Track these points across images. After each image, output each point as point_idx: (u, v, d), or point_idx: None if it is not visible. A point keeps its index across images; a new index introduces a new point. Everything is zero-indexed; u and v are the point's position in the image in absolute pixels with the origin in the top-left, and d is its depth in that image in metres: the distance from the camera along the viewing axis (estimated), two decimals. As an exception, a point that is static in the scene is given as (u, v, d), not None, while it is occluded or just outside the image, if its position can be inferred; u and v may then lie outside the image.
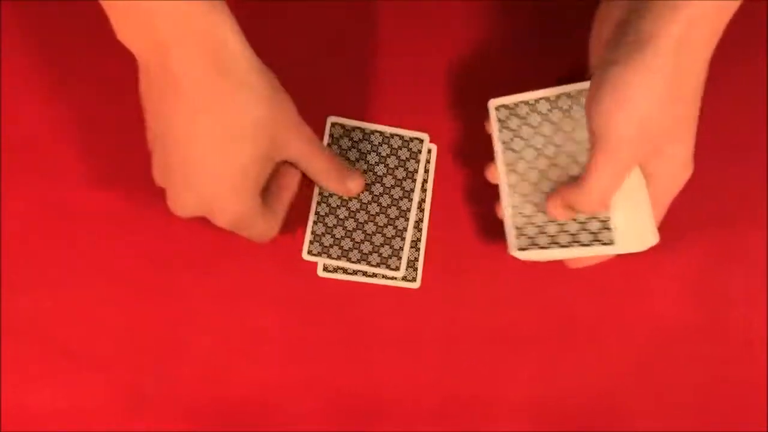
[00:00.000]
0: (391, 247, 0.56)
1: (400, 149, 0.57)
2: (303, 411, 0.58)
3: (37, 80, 0.59)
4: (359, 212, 0.57)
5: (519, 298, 0.58)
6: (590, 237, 0.50)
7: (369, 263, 0.56)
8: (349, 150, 0.57)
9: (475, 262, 0.58)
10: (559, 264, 0.57)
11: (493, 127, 0.54)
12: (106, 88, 0.59)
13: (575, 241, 0.51)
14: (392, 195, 0.57)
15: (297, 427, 0.58)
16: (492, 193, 0.58)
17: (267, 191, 0.52)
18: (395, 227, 0.57)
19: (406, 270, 0.57)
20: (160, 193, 0.59)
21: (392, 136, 0.57)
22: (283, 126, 0.48)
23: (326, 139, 0.57)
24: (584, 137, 0.51)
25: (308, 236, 0.57)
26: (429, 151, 0.58)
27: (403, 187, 0.57)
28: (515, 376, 0.58)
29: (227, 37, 0.45)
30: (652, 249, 0.57)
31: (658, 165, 0.48)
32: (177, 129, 0.46)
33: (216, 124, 0.45)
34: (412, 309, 0.58)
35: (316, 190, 0.57)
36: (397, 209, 0.57)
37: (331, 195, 0.57)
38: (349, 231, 0.57)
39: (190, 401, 0.58)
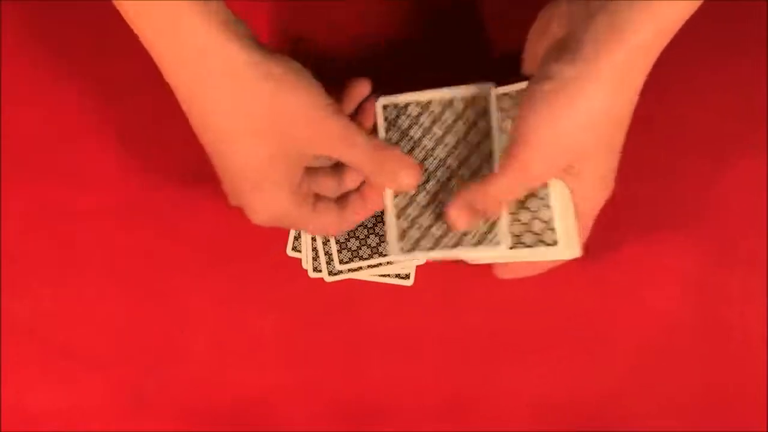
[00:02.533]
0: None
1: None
2: (302, 412, 0.58)
3: (37, 80, 0.59)
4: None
5: (519, 299, 0.58)
6: (476, 239, 0.49)
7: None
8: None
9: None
10: (558, 264, 0.57)
11: (380, 126, 0.52)
12: (106, 88, 0.59)
13: (460, 244, 0.50)
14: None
15: (296, 428, 0.58)
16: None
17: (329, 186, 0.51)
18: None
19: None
20: (160, 193, 0.59)
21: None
22: (294, 122, 0.46)
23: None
24: (477, 140, 0.50)
25: (334, 248, 0.56)
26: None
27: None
28: (515, 377, 0.58)
29: (219, 50, 0.43)
30: (652, 249, 0.57)
31: (574, 183, 0.48)
32: (198, 131, 0.46)
33: (221, 132, 0.45)
34: (411, 310, 0.58)
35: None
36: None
37: None
38: (370, 228, 0.56)
39: (190, 401, 0.58)
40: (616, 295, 0.58)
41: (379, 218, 0.56)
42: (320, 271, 0.57)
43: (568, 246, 0.49)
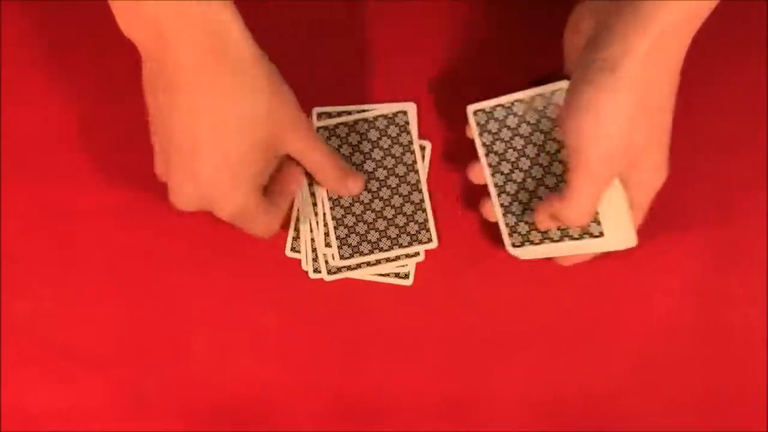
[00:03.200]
0: (416, 223, 0.57)
1: (389, 127, 0.57)
2: (302, 411, 0.58)
3: (37, 80, 0.59)
4: (373, 201, 0.57)
5: (519, 298, 0.58)
6: (580, 230, 0.51)
7: (401, 245, 0.57)
8: (340, 147, 0.57)
9: (475, 261, 0.58)
10: (558, 264, 0.57)
11: (474, 132, 0.55)
12: (106, 88, 0.59)
13: (566, 236, 0.52)
14: (397, 173, 0.57)
15: (296, 427, 0.58)
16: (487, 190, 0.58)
17: (270, 187, 0.52)
18: (412, 202, 0.57)
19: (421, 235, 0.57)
20: (160, 193, 0.59)
21: (376, 118, 0.57)
22: (282, 119, 0.48)
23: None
24: (542, 140, 0.52)
25: (335, 243, 0.57)
26: (423, 148, 0.58)
27: (404, 162, 0.57)
28: (515, 376, 0.58)
29: (228, 27, 0.44)
30: (652, 249, 0.57)
31: (633, 173, 0.49)
32: (177, 119, 0.46)
33: (215, 114, 0.45)
34: (411, 309, 0.58)
35: (324, 197, 0.57)
36: (408, 185, 0.57)
37: (340, 196, 0.57)
38: (370, 223, 0.57)
39: (190, 401, 0.58)
40: (617, 295, 0.58)
41: (379, 214, 0.56)
42: (320, 272, 0.57)
43: (619, 236, 0.50)
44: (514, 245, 0.54)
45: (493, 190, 0.55)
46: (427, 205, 0.57)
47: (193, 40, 0.44)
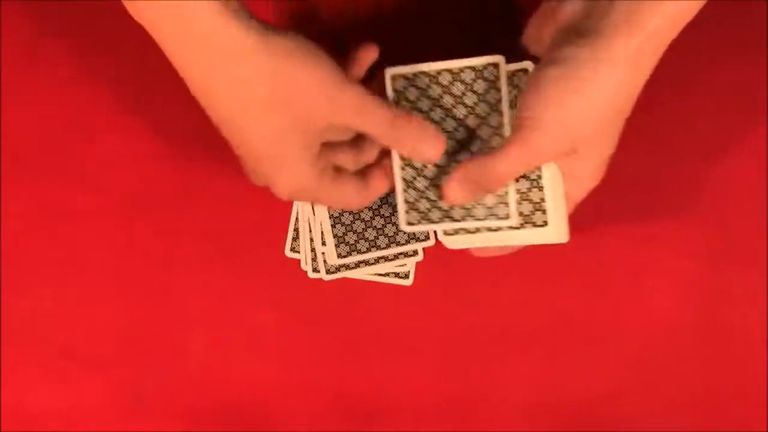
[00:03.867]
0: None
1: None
2: (302, 411, 0.58)
3: (37, 80, 0.59)
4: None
5: (518, 299, 0.58)
6: (485, 212, 0.49)
7: (398, 243, 0.56)
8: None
9: (475, 261, 0.58)
10: (558, 264, 0.57)
11: (389, 97, 0.51)
12: (106, 88, 0.59)
13: (469, 216, 0.49)
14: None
15: (296, 427, 0.58)
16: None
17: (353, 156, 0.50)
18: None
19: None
20: (160, 193, 0.59)
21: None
22: (308, 95, 0.45)
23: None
24: (486, 111, 0.50)
25: (331, 241, 0.56)
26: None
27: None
28: (515, 376, 0.58)
29: (225, 30, 0.43)
30: (653, 249, 0.57)
31: (569, 164, 0.48)
32: (212, 113, 0.46)
33: (224, 109, 0.45)
34: (411, 309, 0.58)
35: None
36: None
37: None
38: (367, 221, 0.56)
39: (190, 401, 0.58)
40: (616, 295, 0.58)
41: (377, 211, 0.56)
42: (319, 271, 0.57)
43: (556, 229, 0.49)
44: (409, 223, 0.51)
45: (396, 162, 0.51)
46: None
47: (181, 37, 0.43)
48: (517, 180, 0.50)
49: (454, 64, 0.50)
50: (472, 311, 0.58)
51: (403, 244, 0.57)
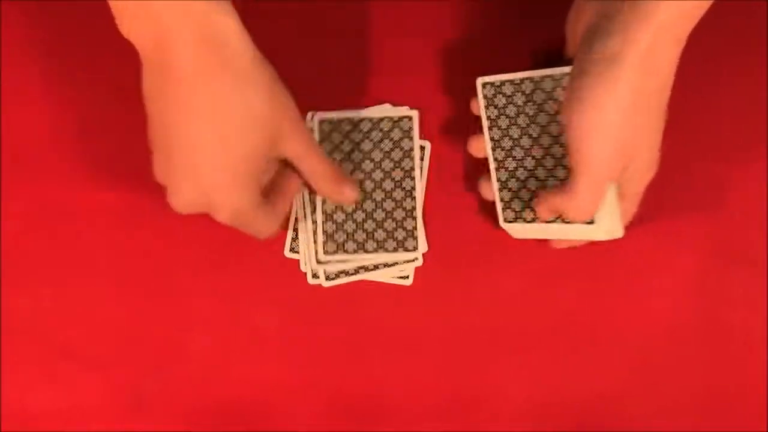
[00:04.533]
0: (404, 229, 0.57)
1: (392, 130, 0.57)
2: (302, 411, 0.58)
3: (37, 80, 0.59)
4: (366, 201, 0.57)
5: (519, 299, 0.58)
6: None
7: (386, 249, 0.57)
8: (342, 143, 0.57)
9: (475, 261, 0.58)
10: (558, 264, 0.57)
11: (480, 104, 0.55)
12: (106, 88, 0.59)
13: (557, 218, 0.52)
14: (393, 177, 0.57)
15: (296, 427, 0.58)
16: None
17: (269, 189, 0.52)
18: (404, 209, 0.57)
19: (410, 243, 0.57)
20: (160, 193, 0.59)
21: (381, 119, 0.57)
22: (282, 122, 0.48)
23: (317, 137, 0.57)
24: (546, 121, 0.53)
25: (320, 237, 0.57)
26: (423, 148, 0.58)
27: (403, 167, 0.57)
28: (515, 376, 0.58)
29: (229, 29, 0.44)
30: (652, 249, 0.57)
31: (628, 169, 0.49)
32: (178, 121, 0.46)
33: (216, 115, 0.45)
34: (411, 309, 0.58)
35: (319, 197, 0.57)
36: (402, 190, 0.57)
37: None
38: (359, 223, 0.57)
39: (190, 401, 0.58)
40: (617, 295, 0.58)
41: (369, 215, 0.57)
42: (318, 277, 0.57)
43: (607, 226, 0.51)
44: (506, 220, 0.55)
45: (492, 164, 0.55)
46: (419, 214, 0.57)
47: (194, 40, 0.44)
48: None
49: (536, 73, 0.53)
50: (472, 311, 0.58)
51: (390, 251, 0.56)
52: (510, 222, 0.55)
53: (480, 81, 0.55)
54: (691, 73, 0.57)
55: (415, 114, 0.57)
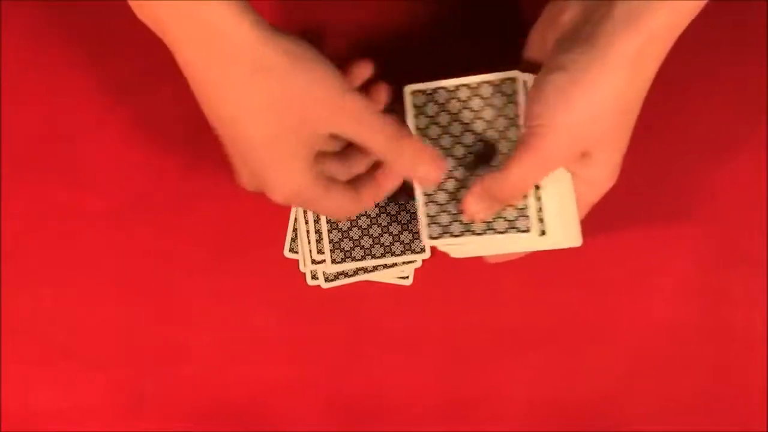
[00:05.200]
0: (410, 232, 0.56)
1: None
2: (303, 411, 0.58)
3: (37, 80, 0.59)
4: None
5: (519, 299, 0.58)
6: (506, 225, 0.49)
7: (393, 254, 0.56)
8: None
9: (475, 262, 0.58)
10: (558, 264, 0.57)
11: (408, 113, 0.52)
12: (105, 88, 0.59)
13: (490, 229, 0.50)
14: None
15: (296, 427, 0.58)
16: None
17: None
18: (408, 211, 0.56)
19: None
20: (160, 193, 0.59)
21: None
22: (311, 100, 0.45)
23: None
24: (504, 126, 0.50)
25: (327, 247, 0.56)
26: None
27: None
28: (515, 377, 0.58)
29: (222, 16, 0.43)
30: (652, 249, 0.57)
31: (583, 168, 0.48)
32: (206, 111, 0.46)
33: (227, 106, 0.45)
34: (411, 309, 0.58)
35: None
36: (405, 194, 0.54)
37: None
38: (364, 229, 0.56)
39: (190, 401, 0.58)
40: (616, 295, 0.58)
41: (374, 220, 0.56)
42: (317, 278, 0.57)
43: (565, 234, 0.49)
44: (431, 236, 0.51)
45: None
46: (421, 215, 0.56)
47: (188, 34, 0.43)
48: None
49: (473, 79, 0.50)
50: (472, 311, 0.58)
51: (398, 255, 0.56)
52: (434, 239, 0.51)
53: (408, 89, 0.52)
54: (691, 73, 0.57)
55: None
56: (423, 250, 0.56)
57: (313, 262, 0.57)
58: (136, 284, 0.58)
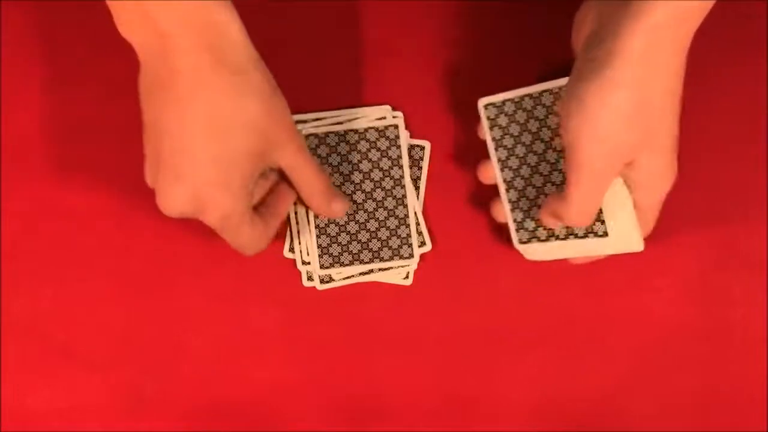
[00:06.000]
0: (398, 237, 0.56)
1: (378, 140, 0.56)
2: (302, 411, 0.58)
3: (37, 80, 0.59)
4: (358, 213, 0.57)
5: (519, 299, 0.58)
6: (584, 230, 0.51)
7: (382, 259, 0.56)
8: (330, 156, 0.56)
9: (474, 262, 0.58)
10: (558, 264, 0.57)
11: (484, 126, 0.54)
12: (106, 88, 0.59)
13: (571, 234, 0.52)
14: (384, 187, 0.56)
15: (296, 427, 0.58)
16: (491, 192, 0.58)
17: (261, 204, 0.52)
18: (396, 217, 0.57)
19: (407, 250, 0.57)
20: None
21: (367, 130, 0.56)
22: (277, 126, 0.48)
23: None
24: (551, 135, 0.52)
25: (315, 251, 0.57)
26: (422, 148, 0.58)
27: (392, 176, 0.56)
28: (515, 377, 0.58)
29: (227, 28, 0.44)
30: (653, 249, 0.57)
31: (636, 175, 0.48)
32: (172, 119, 0.45)
33: (211, 115, 0.45)
34: (411, 309, 0.58)
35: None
36: (393, 199, 0.57)
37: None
38: (353, 234, 0.57)
39: (190, 401, 0.58)
40: (617, 295, 0.58)
41: (362, 225, 0.56)
42: (313, 279, 0.57)
43: (622, 238, 0.50)
44: (521, 241, 0.54)
45: (501, 186, 0.55)
46: (412, 221, 0.57)
47: (192, 40, 0.43)
48: None
49: (535, 88, 0.52)
50: (472, 311, 0.58)
51: (386, 260, 0.56)
52: (525, 243, 0.54)
53: (481, 102, 0.54)
54: (690, 73, 0.57)
55: (399, 122, 0.56)
56: (411, 255, 0.56)
57: (304, 263, 0.57)
58: (136, 284, 0.58)
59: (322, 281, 0.57)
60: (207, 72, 0.44)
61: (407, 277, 0.58)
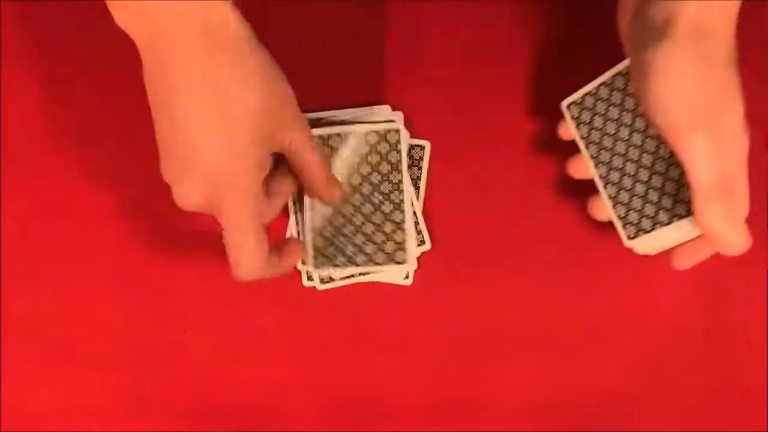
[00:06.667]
0: (394, 242, 0.56)
1: (379, 144, 0.56)
2: (302, 411, 0.58)
3: (37, 80, 0.59)
4: (355, 215, 0.56)
5: (519, 298, 0.58)
6: (686, 208, 0.50)
7: (376, 263, 0.56)
8: (329, 157, 0.56)
9: (474, 262, 0.58)
10: (558, 264, 0.57)
11: (571, 127, 0.54)
12: (106, 88, 0.59)
13: (675, 216, 0.50)
14: (382, 190, 0.56)
15: (296, 427, 0.58)
16: (491, 192, 0.58)
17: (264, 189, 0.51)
18: (393, 221, 0.56)
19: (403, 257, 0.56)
20: (160, 193, 0.59)
21: (368, 133, 0.56)
22: (282, 112, 0.47)
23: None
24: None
25: (310, 252, 0.56)
26: (422, 148, 0.58)
27: (391, 180, 0.56)
28: (515, 376, 0.58)
29: (226, 17, 0.44)
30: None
31: (723, 142, 0.48)
32: (177, 113, 0.45)
33: (215, 105, 0.44)
34: (411, 309, 0.58)
35: (307, 204, 0.56)
36: (391, 203, 0.56)
37: (322, 204, 0.56)
38: (348, 237, 0.56)
39: (190, 401, 0.58)
40: (616, 295, 0.58)
41: (358, 228, 0.56)
42: (313, 279, 0.57)
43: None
44: (629, 237, 0.52)
45: (599, 183, 0.53)
46: (408, 226, 0.56)
47: (188, 29, 0.43)
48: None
49: (607, 75, 0.52)
50: (472, 311, 0.58)
51: (380, 264, 0.56)
52: (633, 238, 0.52)
53: (564, 103, 0.54)
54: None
55: (400, 127, 0.56)
56: (405, 261, 0.56)
57: (303, 263, 0.57)
58: (136, 284, 0.58)
59: (322, 281, 0.57)
60: (206, 61, 0.44)
61: (407, 277, 0.58)
